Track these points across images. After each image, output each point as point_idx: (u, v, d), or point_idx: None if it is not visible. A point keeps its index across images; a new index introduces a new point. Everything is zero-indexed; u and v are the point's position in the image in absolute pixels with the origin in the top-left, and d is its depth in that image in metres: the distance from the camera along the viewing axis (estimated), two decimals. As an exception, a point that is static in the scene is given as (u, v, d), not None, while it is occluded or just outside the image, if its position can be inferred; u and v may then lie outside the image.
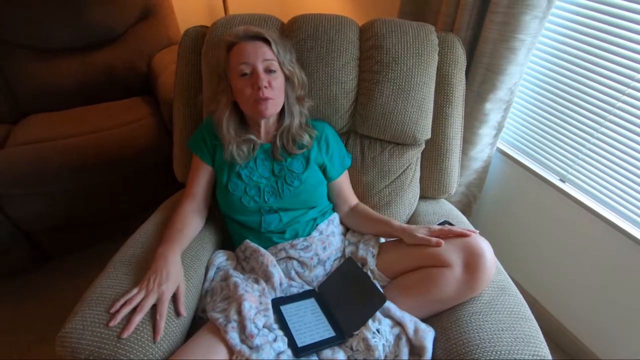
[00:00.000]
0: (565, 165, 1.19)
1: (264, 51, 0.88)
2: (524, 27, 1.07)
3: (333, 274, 0.91)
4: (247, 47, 0.87)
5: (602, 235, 1.10)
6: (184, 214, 0.93)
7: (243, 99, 0.88)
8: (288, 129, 0.95)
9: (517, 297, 0.83)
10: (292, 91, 0.95)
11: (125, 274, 0.79)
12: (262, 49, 0.88)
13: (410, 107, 1.05)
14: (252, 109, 0.89)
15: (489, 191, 1.47)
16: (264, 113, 0.88)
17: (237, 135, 0.94)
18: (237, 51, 0.87)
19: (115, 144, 1.44)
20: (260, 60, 0.86)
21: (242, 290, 0.80)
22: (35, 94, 1.68)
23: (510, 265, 1.38)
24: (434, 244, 0.80)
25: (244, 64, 0.86)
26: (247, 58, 0.86)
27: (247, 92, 0.86)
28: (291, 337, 0.77)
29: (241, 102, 0.90)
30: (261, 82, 0.85)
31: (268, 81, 0.86)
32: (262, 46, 0.88)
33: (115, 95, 1.79)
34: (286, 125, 0.95)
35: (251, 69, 0.86)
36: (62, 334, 0.67)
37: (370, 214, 1.00)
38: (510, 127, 1.36)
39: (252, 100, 0.87)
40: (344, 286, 0.86)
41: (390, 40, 1.04)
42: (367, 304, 0.79)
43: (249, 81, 0.86)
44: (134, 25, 1.83)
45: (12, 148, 1.41)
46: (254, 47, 0.87)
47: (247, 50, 0.86)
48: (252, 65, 0.86)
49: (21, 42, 1.63)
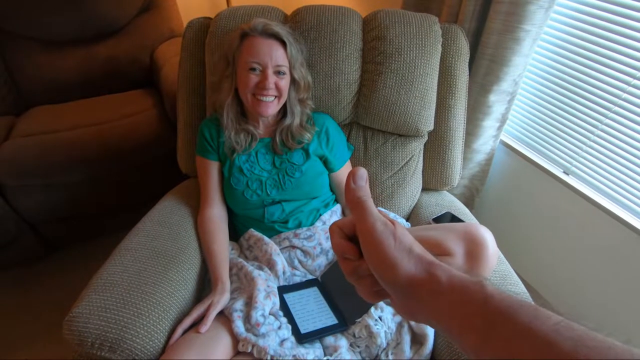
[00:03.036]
0: (569, 157, 1.19)
1: (278, 54, 0.86)
2: (529, 18, 1.06)
3: (335, 263, 0.92)
4: (263, 45, 0.85)
5: (606, 228, 1.10)
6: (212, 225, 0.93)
7: (245, 91, 0.89)
8: (288, 127, 0.96)
9: (519, 286, 0.83)
10: (296, 92, 0.95)
11: (131, 261, 0.80)
12: (278, 52, 0.86)
13: (413, 99, 1.05)
14: (252, 105, 0.89)
15: (492, 184, 1.47)
16: (262, 113, 0.89)
17: (237, 123, 0.94)
18: (251, 45, 0.86)
19: (118, 136, 1.45)
20: (272, 63, 0.86)
21: (255, 274, 0.82)
22: (39, 86, 1.69)
23: (513, 258, 1.38)
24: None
25: (255, 61, 0.85)
26: (260, 57, 0.85)
27: (250, 85, 0.87)
28: (294, 324, 0.78)
29: (242, 93, 0.91)
30: (269, 84, 0.85)
31: (275, 82, 0.86)
32: (278, 48, 0.87)
33: (118, 87, 1.80)
34: (286, 124, 0.95)
35: (261, 67, 0.86)
36: (69, 318, 0.68)
37: None
38: (514, 120, 1.36)
39: (252, 96, 0.88)
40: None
41: (394, 31, 1.03)
42: None
43: (256, 77, 0.86)
44: (137, 17, 1.83)
45: (16, 139, 1.42)
46: (270, 48, 0.85)
47: (262, 48, 0.85)
48: (264, 66, 0.86)
49: (25, 34, 1.63)
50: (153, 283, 0.77)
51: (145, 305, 0.73)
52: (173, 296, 0.78)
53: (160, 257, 0.83)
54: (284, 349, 0.71)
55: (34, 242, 1.49)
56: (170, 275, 0.81)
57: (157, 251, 0.84)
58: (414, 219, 1.13)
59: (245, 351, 0.70)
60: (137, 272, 0.78)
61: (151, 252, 0.84)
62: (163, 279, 0.79)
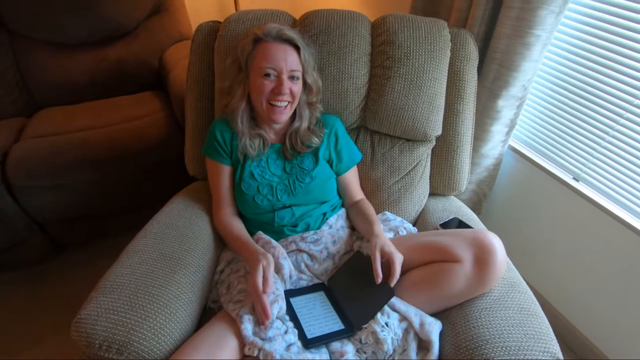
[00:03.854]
0: (580, 163, 1.17)
1: (292, 59, 0.87)
2: (539, 23, 1.05)
3: (342, 267, 0.91)
4: (277, 50, 0.85)
5: (617, 236, 1.08)
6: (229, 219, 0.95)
7: (258, 97, 0.89)
8: (296, 131, 0.96)
9: (528, 294, 0.82)
10: (306, 96, 0.95)
11: (138, 263, 0.80)
12: (292, 57, 0.87)
13: (422, 103, 1.05)
14: (266, 112, 0.90)
15: (500, 189, 1.46)
16: (276, 120, 0.90)
17: (250, 128, 0.94)
18: (265, 50, 0.86)
19: (127, 138, 1.46)
20: (287, 68, 0.86)
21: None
22: (50, 88, 1.71)
23: (521, 265, 1.36)
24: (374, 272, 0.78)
25: (270, 67, 0.85)
26: (275, 63, 0.85)
27: (265, 92, 0.87)
28: (301, 329, 0.77)
29: (255, 99, 0.91)
30: (284, 90, 0.85)
31: (290, 88, 0.87)
32: (292, 53, 0.87)
33: (127, 89, 1.82)
34: (295, 128, 0.96)
35: (276, 73, 0.86)
36: (77, 320, 0.69)
37: (363, 210, 0.99)
38: (523, 125, 1.35)
39: (266, 103, 0.88)
40: (353, 280, 0.86)
41: (402, 35, 1.03)
42: (376, 298, 0.80)
43: (270, 83, 0.86)
44: (146, 20, 1.85)
45: (27, 140, 1.44)
46: (284, 53, 0.85)
47: (277, 54, 0.85)
48: (279, 71, 0.86)
49: (37, 37, 1.66)
50: (160, 285, 0.78)
51: (152, 307, 0.73)
52: (180, 299, 0.78)
53: (167, 260, 0.83)
54: (290, 354, 0.71)
55: (43, 242, 1.51)
56: (177, 278, 0.81)
57: (164, 253, 0.85)
58: (421, 224, 1.12)
59: (251, 355, 0.70)
60: (144, 274, 0.78)
61: (158, 254, 0.84)
62: (170, 282, 0.79)
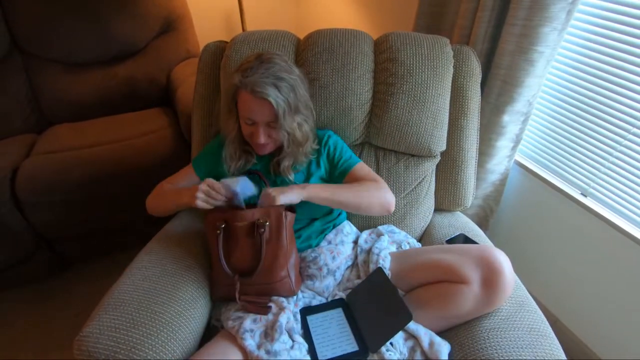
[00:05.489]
0: (587, 179, 1.16)
1: (269, 113, 0.86)
2: (542, 39, 1.06)
3: (363, 283, 0.89)
4: (253, 104, 0.86)
5: (626, 252, 1.06)
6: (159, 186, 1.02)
7: (245, 135, 0.93)
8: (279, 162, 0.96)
9: (537, 313, 0.80)
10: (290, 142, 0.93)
11: (141, 280, 0.80)
12: (268, 110, 0.86)
13: (425, 119, 1.05)
14: (252, 146, 0.95)
15: (506, 204, 1.44)
16: (259, 153, 0.95)
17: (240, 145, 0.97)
18: (245, 102, 0.87)
19: (135, 154, 1.48)
20: (263, 120, 0.87)
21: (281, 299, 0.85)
22: (60, 105, 1.75)
23: (530, 282, 1.34)
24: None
25: (248, 117, 0.88)
26: (252, 115, 0.87)
27: (246, 134, 0.92)
28: (313, 349, 0.77)
29: (244, 136, 0.94)
30: (260, 139, 0.88)
31: (268, 134, 0.89)
32: (269, 108, 0.85)
33: (136, 106, 1.85)
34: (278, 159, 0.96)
35: (255, 122, 0.88)
36: (79, 338, 0.68)
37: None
38: (528, 140, 1.34)
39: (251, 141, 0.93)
40: (372, 298, 0.85)
41: (405, 52, 1.04)
42: (393, 320, 0.78)
43: (251, 127, 0.89)
44: (155, 38, 1.90)
45: (37, 156, 1.46)
46: (261, 108, 0.85)
47: (253, 108, 0.86)
48: (256, 122, 0.88)
49: (49, 57, 1.71)
50: (162, 302, 0.77)
51: (155, 325, 0.73)
52: (182, 315, 0.78)
53: (170, 276, 0.83)
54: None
55: (50, 258, 1.52)
56: (179, 295, 0.80)
57: (167, 270, 0.85)
58: (427, 240, 1.11)
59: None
60: (147, 291, 0.78)
61: (161, 270, 0.84)
62: (172, 298, 0.79)
